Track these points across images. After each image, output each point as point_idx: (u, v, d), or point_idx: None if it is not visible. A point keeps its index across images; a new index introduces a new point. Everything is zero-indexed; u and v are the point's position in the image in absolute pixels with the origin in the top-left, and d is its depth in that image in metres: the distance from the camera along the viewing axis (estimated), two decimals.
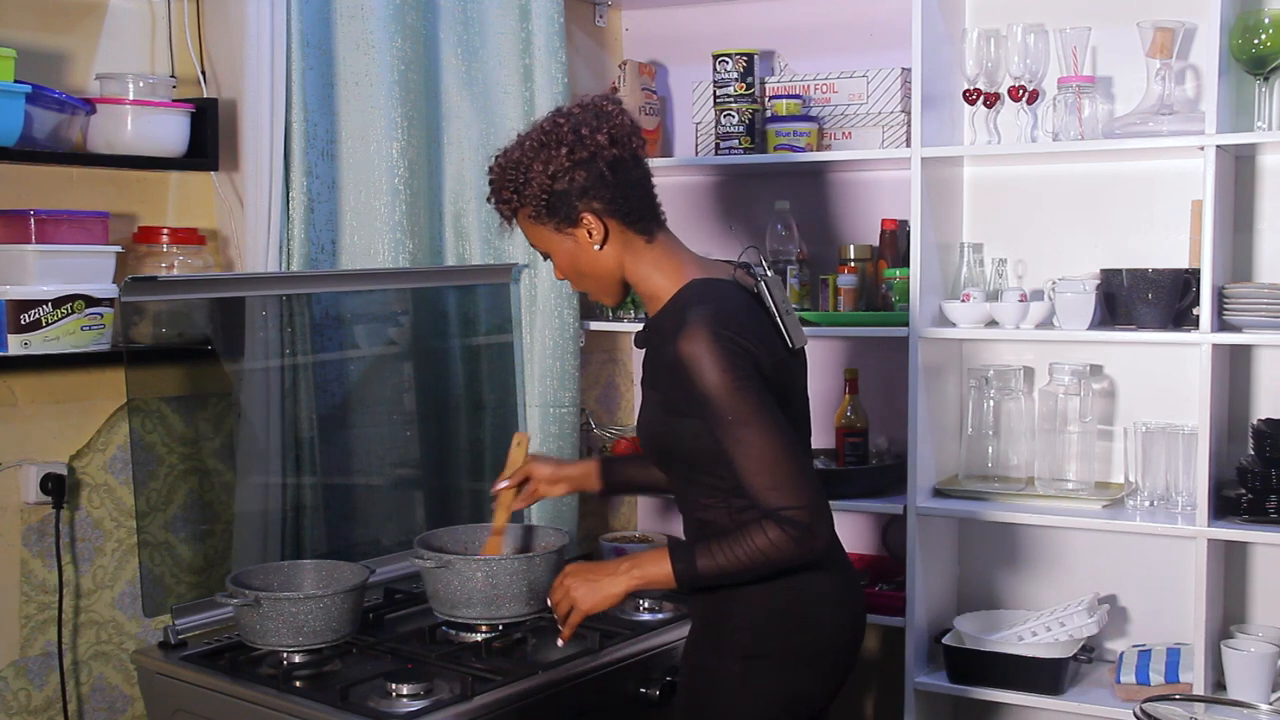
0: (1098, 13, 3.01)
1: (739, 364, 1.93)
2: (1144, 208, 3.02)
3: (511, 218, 2.11)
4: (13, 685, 2.38)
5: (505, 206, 2.09)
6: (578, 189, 2.02)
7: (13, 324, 2.24)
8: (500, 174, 2.08)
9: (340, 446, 2.78)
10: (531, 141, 2.05)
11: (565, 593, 2.05)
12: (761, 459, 1.91)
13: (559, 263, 2.12)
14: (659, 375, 2.04)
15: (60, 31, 2.44)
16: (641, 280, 2.10)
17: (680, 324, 1.96)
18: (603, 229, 2.05)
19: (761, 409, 1.92)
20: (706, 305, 1.98)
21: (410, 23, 2.82)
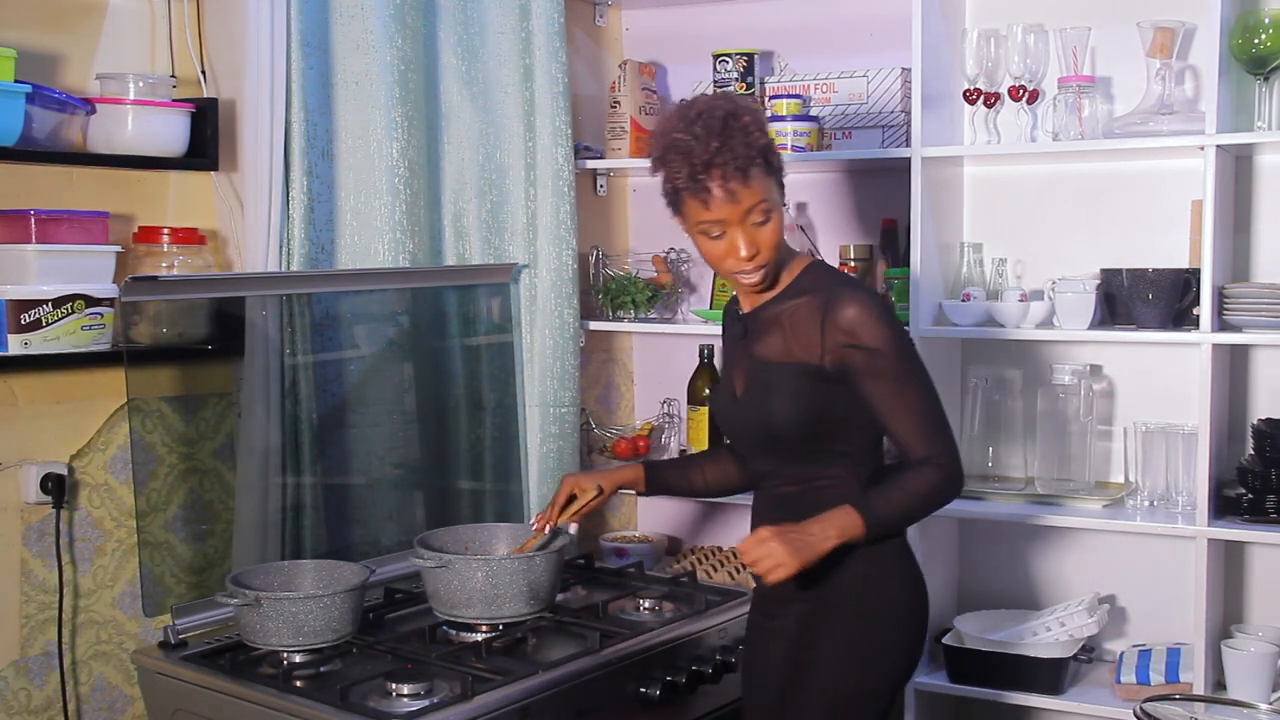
0: (1098, 13, 3.01)
1: (900, 325, 2.13)
2: (1144, 208, 3.02)
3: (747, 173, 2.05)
4: (13, 685, 2.38)
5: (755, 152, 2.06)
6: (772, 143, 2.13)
7: (13, 324, 2.24)
8: (733, 116, 2.06)
9: (340, 446, 2.78)
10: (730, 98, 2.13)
11: (770, 551, 2.04)
12: (922, 410, 2.09)
13: (775, 224, 2.10)
14: (803, 345, 2.12)
15: (60, 31, 2.44)
16: (780, 255, 2.16)
17: (836, 295, 2.10)
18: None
19: (921, 365, 2.13)
20: (854, 280, 2.18)
21: (410, 22, 2.82)
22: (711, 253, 2.13)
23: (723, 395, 2.29)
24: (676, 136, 2.07)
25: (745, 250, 2.09)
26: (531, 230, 3.14)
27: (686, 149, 2.05)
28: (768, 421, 2.16)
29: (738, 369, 2.25)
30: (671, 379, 3.52)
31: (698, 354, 3.35)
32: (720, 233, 2.09)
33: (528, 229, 3.13)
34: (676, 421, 3.50)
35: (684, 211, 2.12)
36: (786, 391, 2.13)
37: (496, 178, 3.07)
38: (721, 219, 2.07)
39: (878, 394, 2.08)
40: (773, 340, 2.16)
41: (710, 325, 3.33)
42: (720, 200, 2.05)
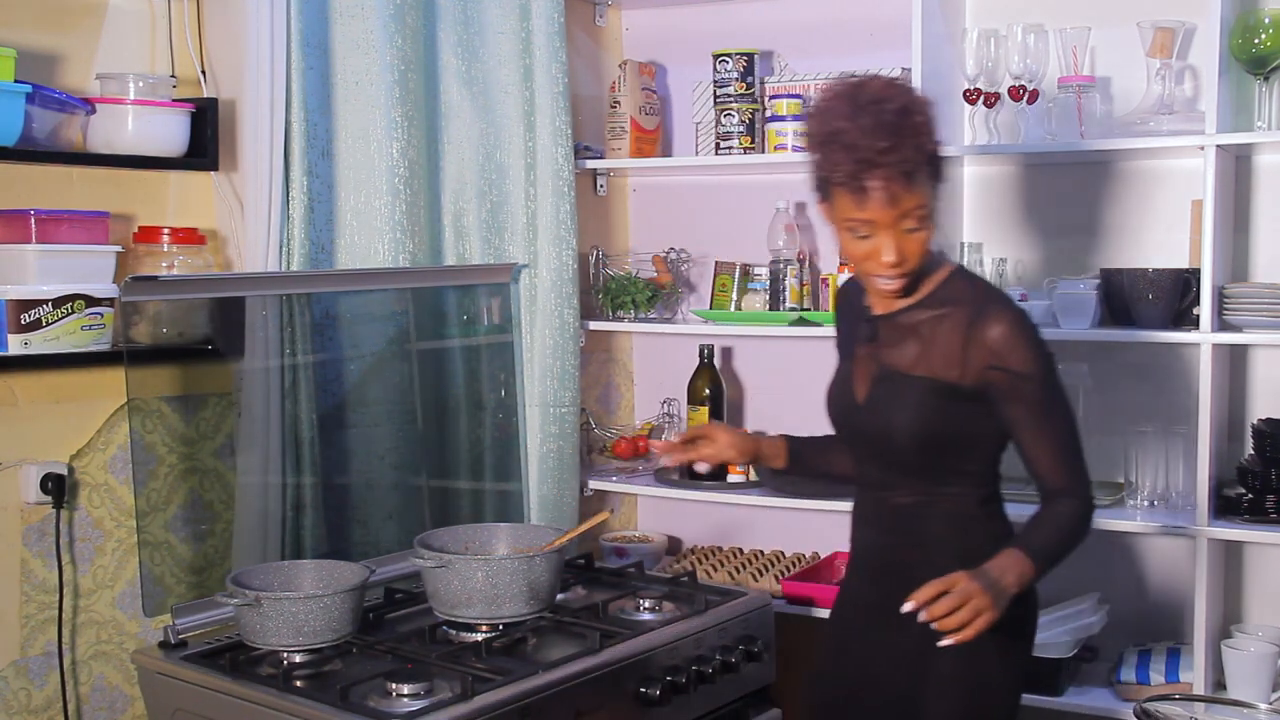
0: (1098, 13, 3.01)
1: (1048, 350, 2.05)
2: (1144, 208, 3.02)
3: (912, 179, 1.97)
4: (13, 685, 2.38)
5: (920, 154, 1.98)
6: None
7: (13, 324, 2.24)
8: (905, 114, 1.97)
9: (340, 446, 2.78)
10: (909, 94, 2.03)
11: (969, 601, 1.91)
12: (1063, 439, 2.03)
13: (925, 233, 2.02)
14: (941, 360, 2.05)
15: (60, 31, 2.44)
16: (924, 263, 2.07)
17: (985, 311, 2.03)
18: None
19: (1064, 391, 2.05)
20: (1006, 296, 2.10)
21: (410, 22, 2.82)
22: (853, 252, 2.04)
23: (842, 395, 2.22)
24: (840, 125, 1.96)
25: (892, 256, 2.00)
26: (531, 230, 3.14)
27: (850, 143, 1.95)
28: (889, 433, 2.10)
29: (861, 372, 2.18)
30: (671, 379, 3.53)
31: (698, 354, 3.35)
32: (868, 234, 2.00)
33: (528, 229, 3.13)
34: (676, 421, 3.50)
35: (832, 202, 2.03)
36: (914, 405, 2.07)
37: (496, 178, 3.07)
38: (873, 220, 1.98)
39: (1018, 419, 2.03)
40: (907, 349, 2.09)
41: (709, 325, 3.33)
42: (878, 203, 1.96)
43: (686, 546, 3.60)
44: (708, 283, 3.44)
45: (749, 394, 3.54)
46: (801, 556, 3.43)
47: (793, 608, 3.13)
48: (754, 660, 2.61)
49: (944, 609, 1.89)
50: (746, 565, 3.34)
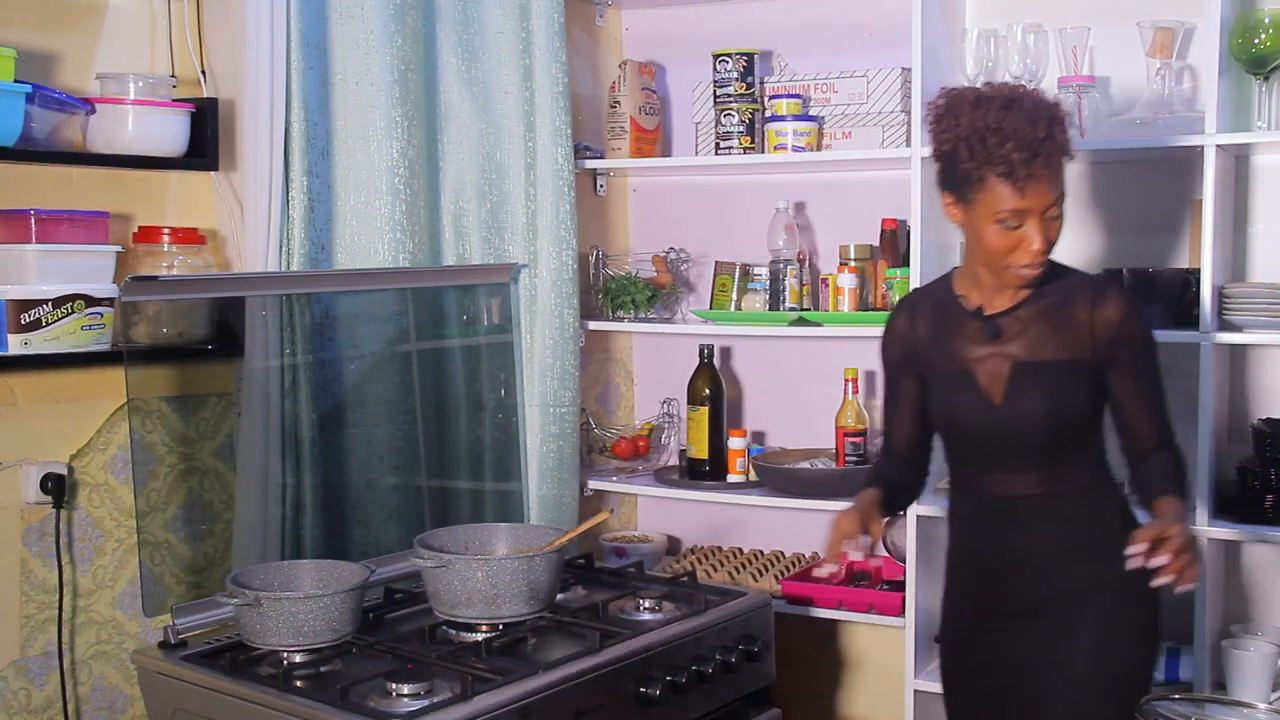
0: (1097, 13, 3.01)
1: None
2: (1144, 208, 3.02)
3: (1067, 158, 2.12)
4: (13, 685, 2.38)
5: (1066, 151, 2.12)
6: None
7: (13, 323, 2.24)
8: (1045, 108, 2.10)
9: (340, 446, 2.78)
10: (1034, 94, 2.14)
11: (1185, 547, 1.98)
12: (1163, 399, 2.22)
13: (1062, 213, 2.13)
14: (1073, 342, 2.17)
15: (60, 31, 2.44)
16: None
17: (1102, 291, 2.18)
18: None
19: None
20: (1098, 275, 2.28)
21: (410, 22, 2.82)
22: (1002, 245, 2.11)
23: (970, 402, 2.22)
24: (999, 118, 2.06)
25: (1040, 244, 2.10)
26: (531, 230, 3.14)
27: (1014, 133, 2.05)
28: (1036, 423, 2.16)
29: (986, 373, 2.20)
30: (671, 379, 3.52)
31: (697, 354, 3.35)
32: (1018, 224, 2.09)
33: (528, 229, 3.13)
34: (676, 421, 3.50)
35: (979, 199, 2.10)
36: (1060, 390, 2.16)
37: (496, 178, 3.07)
38: (1029, 209, 2.07)
39: (1128, 387, 2.17)
40: (1038, 338, 2.17)
41: (709, 325, 3.33)
42: (1038, 190, 2.07)
43: (686, 546, 3.60)
44: (707, 283, 3.44)
45: (748, 394, 3.54)
46: (801, 556, 3.43)
47: (792, 608, 3.13)
48: (754, 660, 2.61)
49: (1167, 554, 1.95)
50: (746, 565, 3.34)
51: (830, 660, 3.39)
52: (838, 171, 3.35)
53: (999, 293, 2.21)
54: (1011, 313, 2.20)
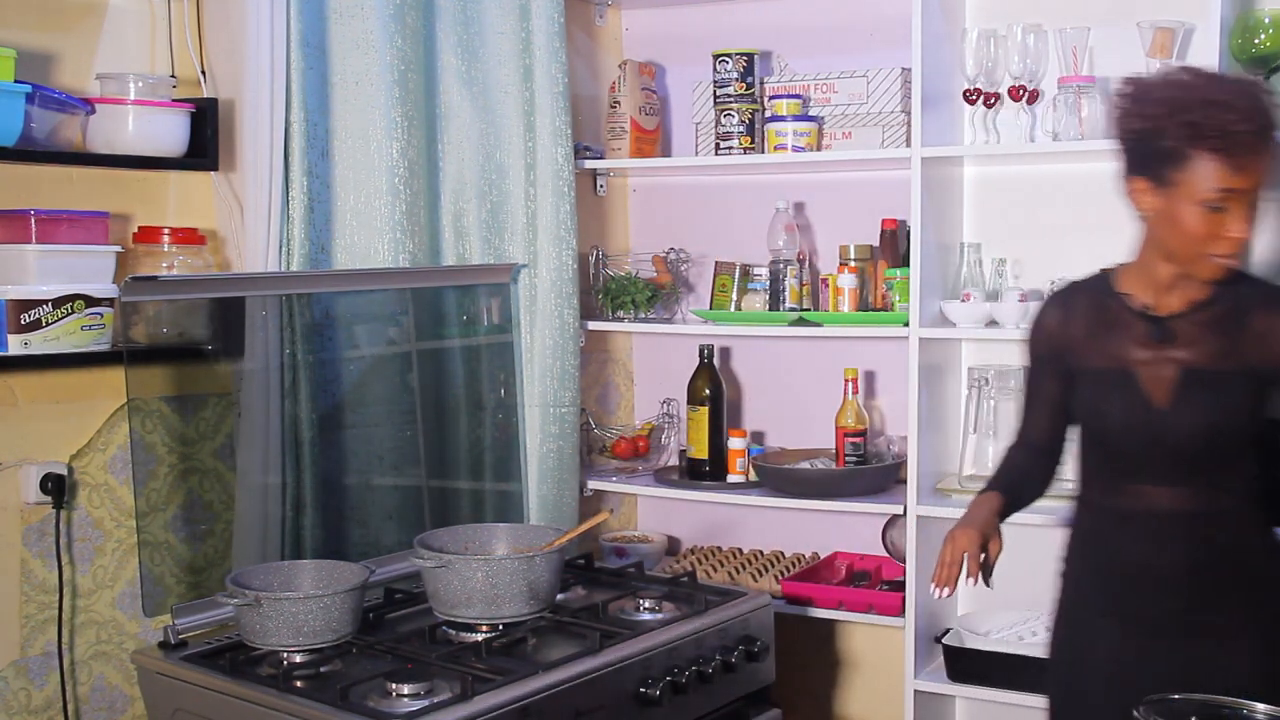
0: (1097, 13, 3.01)
1: None
2: None
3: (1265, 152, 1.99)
4: (13, 685, 2.38)
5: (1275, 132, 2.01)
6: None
7: (13, 324, 2.24)
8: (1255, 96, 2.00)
9: (340, 446, 2.78)
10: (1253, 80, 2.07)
11: None
12: None
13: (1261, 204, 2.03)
14: (1255, 347, 2.06)
15: (60, 31, 2.44)
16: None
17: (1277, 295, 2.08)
18: None
19: None
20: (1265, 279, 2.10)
21: (410, 22, 2.82)
22: (1202, 230, 2.00)
23: (1132, 406, 2.12)
24: (1216, 92, 1.97)
25: (1244, 230, 1.99)
26: (531, 230, 3.14)
27: (1235, 105, 1.95)
28: (1201, 433, 2.07)
29: (1150, 376, 2.11)
30: (671, 379, 3.52)
31: (697, 354, 3.35)
32: (1224, 205, 1.98)
33: (528, 229, 3.13)
34: (676, 421, 3.50)
35: (1185, 178, 2.00)
36: (1230, 401, 2.06)
37: (496, 178, 3.07)
38: (1240, 189, 1.97)
39: None
40: (1211, 344, 2.07)
41: (709, 325, 3.33)
42: (1255, 169, 1.96)
43: (686, 546, 3.60)
44: (707, 283, 3.44)
45: (748, 394, 3.54)
46: (801, 556, 3.43)
47: (792, 608, 3.13)
48: (754, 660, 2.61)
49: None
50: (746, 565, 3.34)
51: (830, 660, 3.39)
52: (838, 171, 3.35)
53: (1171, 292, 2.10)
54: (1184, 316, 2.10)
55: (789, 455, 3.31)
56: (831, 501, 3.13)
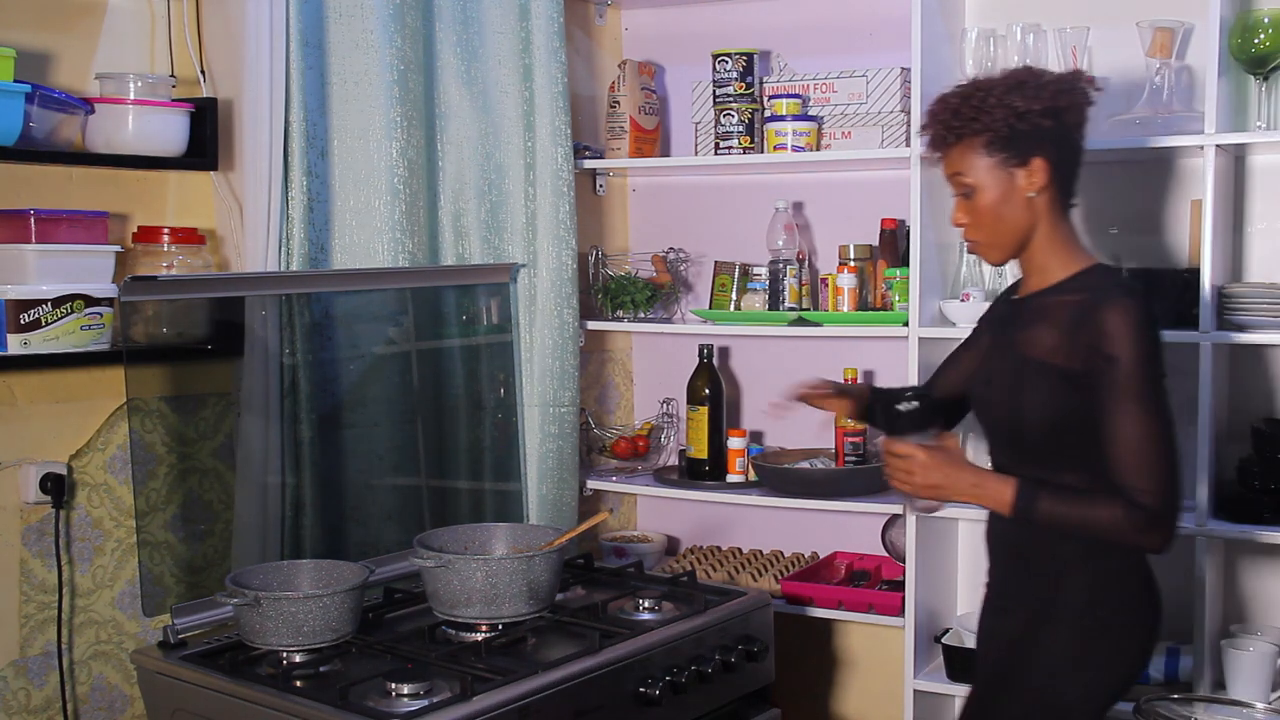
0: (1097, 13, 3.01)
1: (1157, 351, 2.03)
2: (1143, 207, 3.02)
3: (947, 147, 2.14)
4: (12, 685, 2.38)
5: (951, 133, 2.12)
6: (1041, 133, 2.08)
7: (13, 323, 2.24)
8: (957, 98, 2.12)
9: (340, 446, 2.78)
10: (1006, 80, 2.11)
11: (908, 471, 2.11)
12: (1139, 439, 1.99)
13: (981, 201, 2.12)
14: (1053, 345, 2.08)
15: (60, 31, 2.44)
16: (1043, 249, 2.15)
17: (1107, 297, 2.03)
18: (1044, 180, 2.10)
19: (1159, 395, 2.02)
20: (1134, 290, 2.07)
21: (410, 22, 2.82)
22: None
23: (979, 376, 2.27)
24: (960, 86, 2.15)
25: (955, 217, 2.17)
26: (531, 230, 3.14)
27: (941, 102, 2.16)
28: (1012, 417, 2.14)
29: (996, 354, 2.23)
30: (671, 379, 3.52)
31: (697, 354, 3.35)
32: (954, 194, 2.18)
33: (527, 229, 3.13)
34: (676, 421, 3.51)
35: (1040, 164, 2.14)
36: (1035, 389, 2.10)
37: (496, 177, 3.07)
38: (947, 176, 2.17)
39: (1103, 406, 2.01)
40: (1034, 334, 2.13)
41: (709, 325, 3.33)
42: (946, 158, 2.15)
43: (685, 546, 3.60)
44: (707, 282, 3.44)
45: (748, 394, 3.54)
46: (801, 556, 3.43)
47: (792, 608, 3.13)
48: (753, 660, 2.61)
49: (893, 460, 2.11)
50: (746, 565, 3.34)
51: (830, 660, 3.39)
52: (837, 171, 3.35)
53: (1025, 280, 2.20)
54: (1028, 301, 2.18)
55: (788, 455, 3.31)
56: (831, 501, 3.13)
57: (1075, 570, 2.11)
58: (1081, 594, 2.11)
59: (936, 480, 2.09)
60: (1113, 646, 2.12)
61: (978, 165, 2.11)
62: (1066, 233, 2.16)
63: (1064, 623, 2.12)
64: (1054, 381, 2.08)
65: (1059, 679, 2.11)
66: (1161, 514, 2.00)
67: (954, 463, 2.10)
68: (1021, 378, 2.13)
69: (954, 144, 2.12)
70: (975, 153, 2.11)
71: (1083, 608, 2.11)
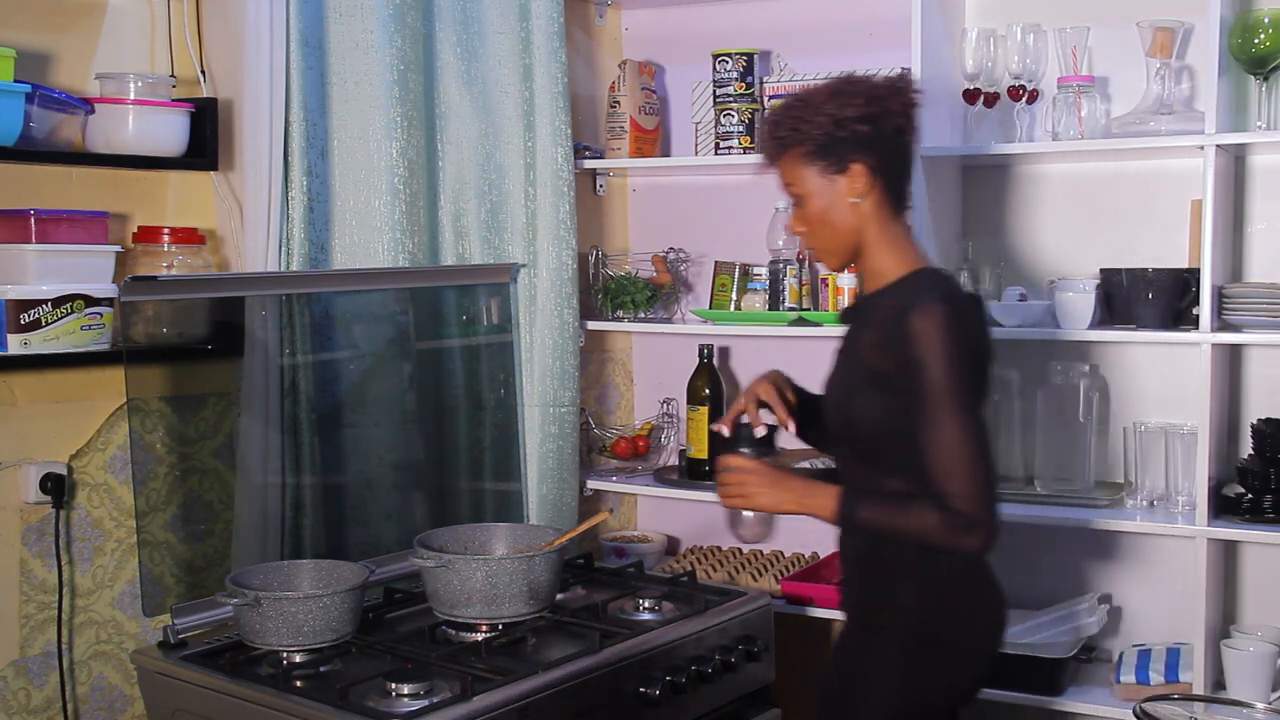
0: (1097, 13, 3.01)
1: (963, 351, 2.03)
2: (1144, 208, 3.02)
3: (775, 159, 2.18)
4: (13, 685, 2.38)
5: (776, 144, 2.16)
6: (858, 139, 2.11)
7: (13, 323, 2.24)
8: (782, 110, 2.17)
9: (340, 446, 2.78)
10: (825, 89, 2.15)
11: (741, 486, 2.16)
12: (951, 443, 1.99)
13: (809, 209, 2.16)
14: (873, 348, 2.10)
15: (60, 31, 2.44)
16: (874, 252, 2.17)
17: (917, 301, 2.04)
18: (867, 184, 2.13)
19: (966, 398, 2.02)
20: (947, 291, 2.09)
21: (410, 22, 2.82)
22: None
23: (827, 381, 2.28)
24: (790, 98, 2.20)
25: (791, 224, 2.21)
26: (531, 230, 3.14)
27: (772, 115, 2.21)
28: (845, 421, 2.16)
29: (838, 358, 2.25)
30: (671, 379, 3.52)
31: (697, 354, 3.35)
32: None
33: (527, 229, 3.13)
34: (676, 421, 3.50)
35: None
36: (862, 393, 2.11)
37: (496, 177, 3.07)
38: (781, 186, 2.21)
39: (916, 411, 2.02)
40: (861, 336, 2.15)
41: (709, 325, 3.33)
42: (778, 170, 2.19)
43: (686, 546, 3.60)
44: (707, 282, 3.44)
45: None
46: (801, 556, 3.43)
47: (792, 608, 3.13)
48: (753, 660, 2.61)
49: (722, 475, 2.17)
50: (746, 565, 3.34)
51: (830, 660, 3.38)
52: None
53: (865, 282, 2.24)
54: (859, 304, 2.24)
55: (789, 455, 3.30)
56: None
57: (907, 578, 2.10)
58: (912, 601, 2.10)
59: (767, 492, 2.13)
60: (948, 654, 2.11)
61: (803, 175, 2.15)
62: (897, 235, 2.17)
63: (896, 631, 2.11)
64: (876, 385, 2.08)
65: (893, 687, 2.10)
66: (976, 517, 1.99)
67: (782, 474, 2.14)
68: (851, 381, 2.16)
69: (780, 156, 2.16)
70: (799, 163, 2.14)
71: (915, 615, 2.10)
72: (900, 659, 2.10)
